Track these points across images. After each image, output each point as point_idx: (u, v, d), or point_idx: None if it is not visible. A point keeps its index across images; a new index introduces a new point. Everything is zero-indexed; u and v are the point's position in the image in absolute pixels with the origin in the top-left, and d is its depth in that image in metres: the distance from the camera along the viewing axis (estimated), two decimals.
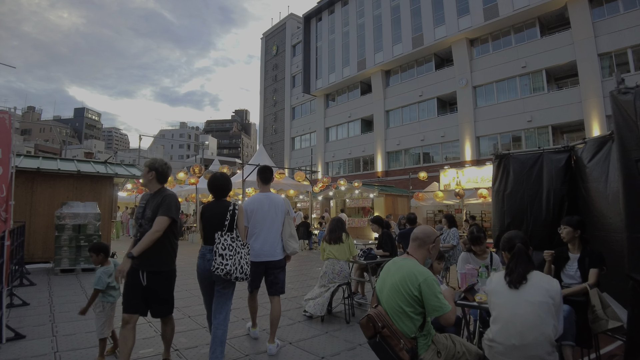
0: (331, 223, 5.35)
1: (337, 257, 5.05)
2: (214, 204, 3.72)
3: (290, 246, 4.20)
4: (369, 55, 32.94)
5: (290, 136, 42.92)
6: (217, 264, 3.33)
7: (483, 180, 15.57)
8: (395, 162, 31.45)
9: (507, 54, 24.78)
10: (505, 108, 24.49)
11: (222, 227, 3.49)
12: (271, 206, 4.14)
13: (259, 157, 15.19)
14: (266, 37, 49.14)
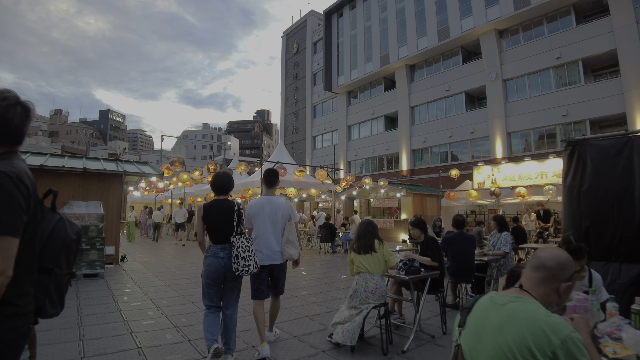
0: (360, 228, 4.33)
1: (371, 271, 4.02)
2: (217, 203, 3.75)
3: (287, 252, 4.12)
4: (393, 50, 31.76)
5: (312, 135, 42.05)
6: (240, 266, 3.53)
7: (521, 178, 14.33)
8: (421, 160, 30.19)
9: (539, 44, 23.29)
10: (538, 102, 23.07)
11: (232, 229, 3.63)
12: (273, 210, 4.13)
13: (279, 154, 14.31)
14: (287, 36, 48.45)
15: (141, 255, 12.16)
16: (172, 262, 10.58)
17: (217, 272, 3.62)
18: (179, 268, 9.54)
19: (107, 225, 9.47)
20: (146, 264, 10.21)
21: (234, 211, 3.68)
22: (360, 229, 4.27)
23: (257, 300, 4.06)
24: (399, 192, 17.48)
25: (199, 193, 19.63)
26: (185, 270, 9.22)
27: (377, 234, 4.24)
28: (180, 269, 9.41)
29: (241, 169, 12.53)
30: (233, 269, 3.55)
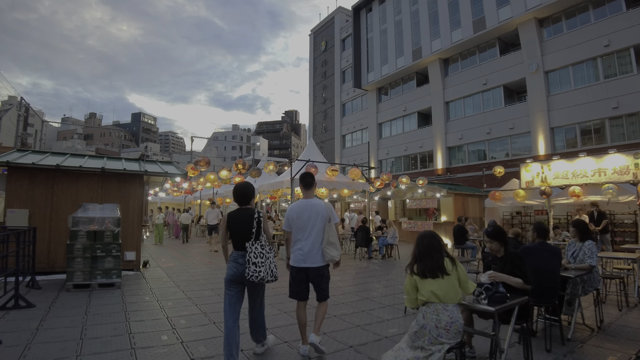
0: (421, 243, 3.27)
1: (443, 300, 3.00)
2: (239, 212, 3.94)
3: (328, 254, 4.10)
4: (425, 44, 30.45)
5: (341, 134, 41.10)
6: (251, 271, 3.65)
7: (575, 176, 13.00)
8: (456, 158, 28.76)
9: (585, 32, 21.59)
10: (584, 94, 21.38)
11: (250, 236, 3.77)
12: (312, 212, 4.15)
13: (309, 152, 13.47)
14: (314, 34, 47.69)
15: (166, 260, 11.52)
16: (197, 269, 9.85)
17: (236, 277, 3.79)
18: (203, 276, 8.78)
19: (128, 229, 8.84)
20: (169, 271, 9.52)
21: (254, 219, 3.83)
22: (422, 245, 3.25)
23: (298, 302, 4.14)
24: (439, 192, 16.28)
25: (227, 194, 19.01)
26: (210, 279, 8.44)
27: (446, 250, 3.26)
28: (205, 277, 8.65)
29: (270, 168, 11.72)
30: (245, 274, 3.69)
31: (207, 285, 7.68)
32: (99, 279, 6.95)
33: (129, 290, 7.04)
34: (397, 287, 7.76)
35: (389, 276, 9.12)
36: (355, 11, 38.25)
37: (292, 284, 4.16)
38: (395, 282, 8.24)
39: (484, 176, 16.03)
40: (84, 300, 6.18)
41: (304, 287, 4.12)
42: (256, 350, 4.06)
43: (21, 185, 8.23)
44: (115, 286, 7.10)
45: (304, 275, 4.09)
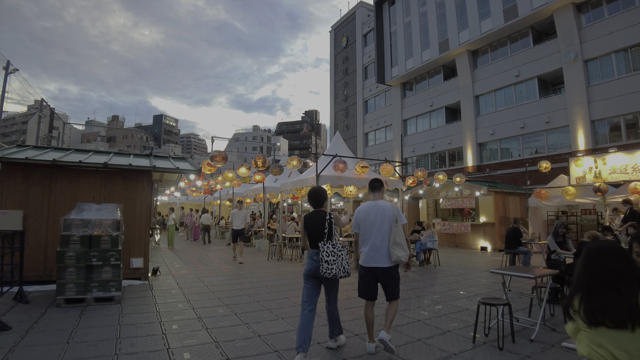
0: (592, 261, 1.99)
1: None
2: (313, 214, 4.29)
3: (394, 254, 4.16)
4: (452, 35, 28.90)
5: (364, 132, 39.78)
6: (324, 268, 3.97)
7: (636, 170, 11.48)
8: (487, 154, 27.15)
9: (629, 16, 19.74)
10: (630, 83, 19.59)
11: (323, 236, 4.11)
12: (378, 214, 4.28)
13: (336, 146, 12.27)
14: (335, 30, 46.53)
15: (179, 267, 10.50)
16: (213, 278, 8.76)
17: (311, 272, 4.12)
18: (219, 287, 7.66)
19: (135, 232, 7.82)
20: (181, 280, 8.46)
21: (326, 220, 4.13)
22: (593, 268, 1.97)
23: (367, 301, 4.27)
24: (478, 190, 14.84)
25: (247, 193, 17.95)
26: (226, 291, 7.29)
27: None
28: (220, 289, 7.52)
29: (293, 163, 10.57)
30: (320, 271, 3.99)
31: (223, 299, 6.56)
32: (94, 292, 5.88)
33: (130, 305, 5.97)
34: (450, 303, 6.51)
35: (433, 288, 7.84)
36: (378, 5, 36.86)
37: (360, 284, 4.32)
38: (446, 297, 6.97)
39: (527, 172, 14.57)
40: (73, 319, 5.12)
41: (372, 287, 4.24)
42: (329, 344, 4.32)
43: (15, 184, 7.27)
44: (114, 300, 6.03)
45: (373, 276, 4.22)
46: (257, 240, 15.79)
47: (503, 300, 4.44)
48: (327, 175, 10.77)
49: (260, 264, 11.16)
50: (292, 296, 6.81)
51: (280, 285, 7.88)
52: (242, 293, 7.06)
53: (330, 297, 4.30)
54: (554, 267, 6.71)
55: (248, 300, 6.48)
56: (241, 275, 9.04)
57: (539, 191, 13.46)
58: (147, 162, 8.05)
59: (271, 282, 8.12)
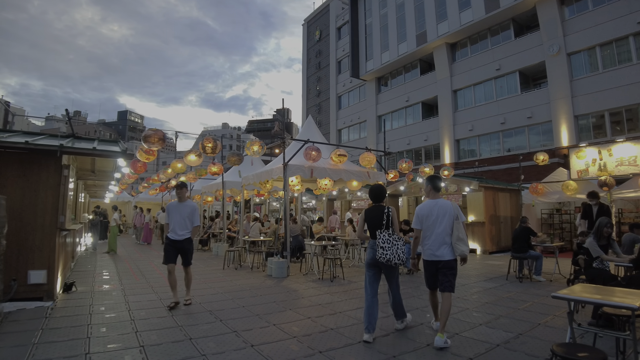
0: None
1: None
2: (374, 208, 4.84)
3: (458, 249, 4.51)
4: (431, 27, 27.67)
5: (337, 128, 38.19)
6: (379, 254, 4.49)
7: None
8: (465, 151, 26.01)
9: (613, 9, 19.18)
10: (614, 78, 18.96)
11: (381, 226, 4.62)
12: (440, 211, 4.59)
13: (308, 131, 10.49)
14: (308, 23, 44.78)
15: (108, 279, 8.44)
16: (143, 297, 6.63)
17: (372, 260, 4.66)
18: (144, 313, 5.55)
19: (34, 235, 5.83)
20: (100, 299, 6.44)
21: (384, 213, 4.68)
22: None
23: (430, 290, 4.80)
24: (467, 185, 13.30)
25: (206, 190, 15.82)
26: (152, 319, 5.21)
27: None
28: (145, 315, 5.45)
29: (254, 149, 8.62)
30: (376, 256, 4.53)
31: (142, 334, 4.56)
32: None
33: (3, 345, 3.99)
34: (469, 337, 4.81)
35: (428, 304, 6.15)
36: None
37: (426, 276, 4.78)
38: (459, 325, 5.25)
39: (520, 167, 13.18)
40: None
41: (435, 279, 4.64)
42: (397, 326, 4.88)
43: None
44: None
45: (435, 268, 4.60)
46: (216, 244, 13.68)
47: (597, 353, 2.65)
48: (297, 164, 8.98)
49: (212, 275, 9.10)
50: (242, 329, 4.84)
51: (231, 309, 5.90)
52: (172, 323, 5.04)
53: (391, 284, 4.78)
54: (598, 278, 5.13)
55: (178, 336, 4.53)
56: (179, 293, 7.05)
57: (536, 186, 12.08)
58: (53, 142, 5.99)
59: (219, 305, 6.10)
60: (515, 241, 8.11)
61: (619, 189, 10.80)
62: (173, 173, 11.72)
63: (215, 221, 15.92)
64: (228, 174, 14.09)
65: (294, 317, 5.43)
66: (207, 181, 16.18)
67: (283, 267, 8.79)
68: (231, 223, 15.58)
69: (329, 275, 8.59)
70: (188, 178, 13.53)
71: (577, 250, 7.09)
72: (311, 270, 9.46)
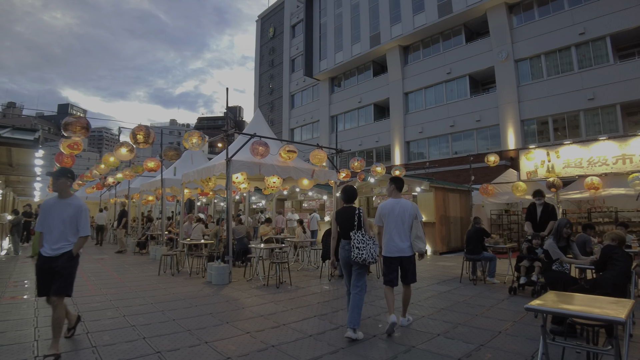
0: None
1: None
2: (345, 209, 4.89)
3: (416, 246, 4.86)
4: (384, 29, 27.75)
5: (289, 127, 37.57)
6: (355, 254, 4.53)
7: (592, 164, 10.41)
8: (415, 153, 26.24)
9: (558, 20, 20.13)
10: (558, 85, 19.84)
11: (353, 227, 4.66)
12: (401, 210, 4.90)
13: (255, 125, 9.83)
14: (262, 20, 43.86)
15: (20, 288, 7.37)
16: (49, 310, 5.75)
17: (345, 259, 4.72)
18: (43, 332, 4.66)
19: None
20: (4, 313, 5.49)
21: (355, 214, 4.73)
22: None
23: (387, 287, 4.91)
24: (418, 185, 13.12)
25: (145, 188, 14.68)
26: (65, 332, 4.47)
27: None
28: (44, 334, 4.59)
29: (193, 141, 7.83)
30: (351, 256, 4.57)
31: None
32: None
33: None
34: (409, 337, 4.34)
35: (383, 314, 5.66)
36: None
37: (386, 272, 4.90)
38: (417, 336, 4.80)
39: (471, 168, 13.15)
40: None
41: (396, 275, 4.88)
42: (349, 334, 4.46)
43: None
44: None
45: (397, 264, 4.86)
46: (154, 247, 12.62)
47: None
48: (243, 160, 8.28)
49: (144, 282, 8.17)
50: (168, 348, 4.13)
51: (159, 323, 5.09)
52: (85, 343, 4.21)
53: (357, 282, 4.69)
54: (558, 281, 4.85)
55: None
56: (103, 304, 6.15)
57: (486, 187, 12.07)
58: None
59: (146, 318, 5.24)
60: (469, 242, 7.86)
61: (566, 190, 10.98)
62: (106, 168, 10.63)
63: (154, 222, 14.80)
64: (169, 171, 13.12)
65: (231, 332, 4.74)
66: (148, 178, 15.04)
67: (224, 273, 8.01)
68: (172, 224, 14.54)
69: (275, 281, 7.95)
70: (125, 175, 12.45)
71: (524, 255, 6.90)
72: (256, 275, 8.74)
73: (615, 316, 2.39)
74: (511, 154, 19.74)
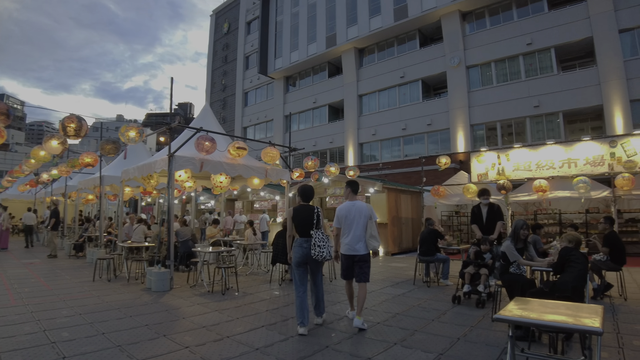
0: None
1: None
2: (303, 207, 5.09)
3: (371, 244, 5.09)
4: (341, 30, 27.69)
5: (242, 126, 36.70)
6: (316, 252, 4.76)
7: (540, 167, 10.71)
8: (368, 155, 26.38)
9: (508, 29, 20.98)
10: (506, 92, 20.70)
11: (312, 225, 4.90)
12: (357, 212, 5.13)
13: (203, 119, 9.25)
14: (216, 14, 42.66)
15: None
16: None
17: (302, 258, 4.86)
18: None
19: None
20: None
21: (314, 213, 5.01)
22: None
23: (346, 280, 5.31)
24: (371, 186, 12.98)
25: (83, 186, 13.55)
26: None
27: None
28: None
29: (130, 135, 7.13)
30: (311, 254, 4.77)
31: None
32: None
33: None
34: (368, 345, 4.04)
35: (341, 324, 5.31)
36: None
37: (343, 269, 5.21)
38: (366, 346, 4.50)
39: (422, 170, 13.19)
40: None
41: (352, 270, 5.13)
42: (317, 321, 5.12)
43: None
44: None
45: (352, 261, 5.09)
46: (91, 249, 11.62)
47: None
48: (187, 156, 7.69)
49: (76, 289, 7.44)
50: None
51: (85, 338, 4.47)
52: None
53: (317, 279, 5.10)
54: (516, 284, 4.72)
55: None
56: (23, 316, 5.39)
57: (437, 189, 12.15)
58: None
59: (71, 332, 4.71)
60: (423, 244, 7.71)
61: (515, 192, 11.25)
62: (37, 164, 9.63)
63: (93, 223, 13.73)
64: (110, 168, 12.20)
65: (168, 346, 4.22)
66: (88, 175, 13.92)
67: (164, 279, 7.36)
68: (111, 225, 13.54)
69: (221, 287, 7.36)
70: (60, 171, 11.41)
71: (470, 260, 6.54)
72: (200, 281, 8.12)
73: (592, 326, 2.18)
74: (460, 158, 20.19)
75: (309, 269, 4.98)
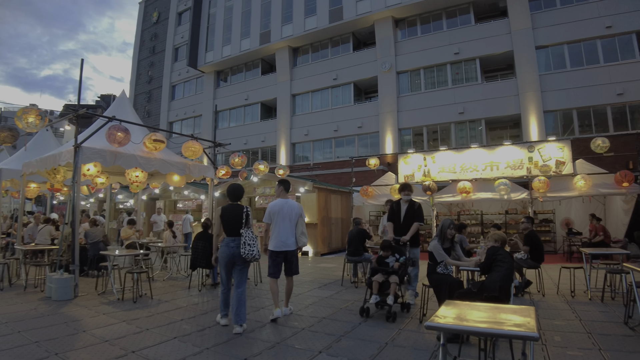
0: None
1: None
2: (232, 206, 5.06)
3: (301, 240, 5.50)
4: (275, 28, 27.28)
5: (168, 120, 34.90)
6: (247, 251, 4.75)
7: (464, 170, 11.09)
8: (300, 155, 26.23)
9: (437, 38, 21.97)
10: (434, 98, 21.61)
11: (241, 224, 4.87)
12: (288, 209, 5.37)
13: (119, 107, 8.42)
14: (146, 2, 40.27)
15: None
16: None
17: (228, 257, 4.84)
18: None
19: None
20: None
21: (243, 212, 4.95)
22: None
23: (272, 278, 5.34)
24: (302, 185, 12.70)
25: None
26: None
27: None
28: None
29: (29, 120, 6.16)
30: (241, 253, 4.75)
31: None
32: None
33: None
34: None
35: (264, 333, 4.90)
36: None
37: (271, 265, 5.33)
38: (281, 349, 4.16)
39: (352, 170, 13.20)
40: None
41: (280, 267, 5.35)
42: (236, 330, 4.71)
43: None
44: None
45: (282, 257, 5.32)
46: None
47: None
48: (96, 148, 6.87)
49: None
50: None
51: None
52: None
53: (242, 280, 4.93)
54: (443, 284, 4.64)
55: None
56: None
57: (366, 189, 12.19)
58: None
59: None
60: (351, 244, 7.55)
61: (440, 193, 11.59)
62: None
63: None
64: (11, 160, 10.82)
65: None
66: None
67: (67, 286, 6.54)
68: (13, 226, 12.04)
69: (133, 295, 6.64)
70: None
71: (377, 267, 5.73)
72: (110, 288, 7.27)
73: (529, 332, 2.03)
74: (389, 160, 20.60)
75: (235, 269, 4.91)
